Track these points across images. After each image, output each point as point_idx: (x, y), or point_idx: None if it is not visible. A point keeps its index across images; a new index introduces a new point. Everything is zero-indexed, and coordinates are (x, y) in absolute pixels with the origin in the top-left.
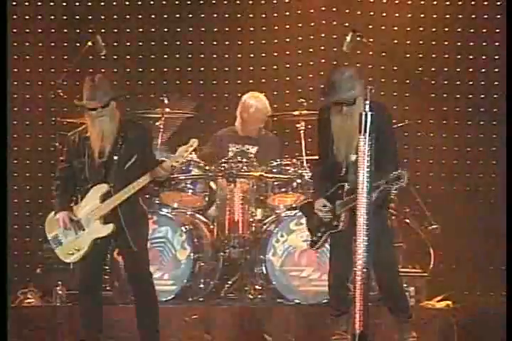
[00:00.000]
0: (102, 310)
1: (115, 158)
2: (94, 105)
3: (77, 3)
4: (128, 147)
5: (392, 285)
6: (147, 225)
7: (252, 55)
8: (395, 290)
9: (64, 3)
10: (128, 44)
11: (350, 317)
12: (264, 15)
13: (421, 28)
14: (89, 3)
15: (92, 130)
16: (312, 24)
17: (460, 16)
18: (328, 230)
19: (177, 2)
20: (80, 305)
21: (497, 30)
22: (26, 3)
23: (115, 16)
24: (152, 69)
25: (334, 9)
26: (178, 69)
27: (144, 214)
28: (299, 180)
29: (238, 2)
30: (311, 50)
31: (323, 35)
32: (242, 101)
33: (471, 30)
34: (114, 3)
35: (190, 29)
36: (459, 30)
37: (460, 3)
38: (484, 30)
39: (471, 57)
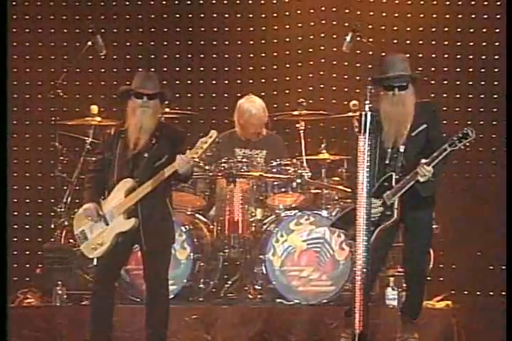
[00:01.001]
0: (113, 309)
1: (146, 155)
2: (145, 91)
3: (77, 3)
4: (161, 147)
5: (420, 282)
6: (169, 225)
7: (252, 55)
8: (419, 288)
9: (64, 3)
10: (128, 44)
11: None
12: (264, 15)
13: (421, 28)
14: (89, 3)
15: (131, 120)
16: (312, 24)
17: (460, 16)
18: (380, 225)
19: (177, 2)
20: (94, 302)
21: (497, 30)
22: (26, 3)
23: (115, 16)
24: (152, 69)
25: (334, 9)
26: (178, 69)
27: (168, 214)
28: (298, 180)
29: (238, 2)
30: (311, 50)
31: (323, 35)
32: (237, 107)
33: (471, 30)
34: (114, 3)
35: (190, 29)
36: (459, 30)
37: (460, 3)
38: (484, 30)
39: (471, 57)
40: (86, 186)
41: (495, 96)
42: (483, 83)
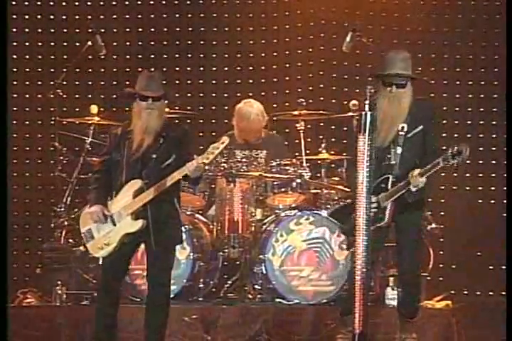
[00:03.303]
0: (118, 309)
1: (153, 156)
2: (150, 94)
3: (77, 3)
4: (168, 147)
5: (414, 283)
6: (177, 226)
7: (251, 55)
8: (415, 288)
9: (64, 3)
10: (128, 44)
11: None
12: (264, 15)
13: (420, 28)
14: (89, 3)
15: (136, 122)
16: (312, 24)
17: (460, 16)
18: (372, 225)
19: (176, 2)
20: (100, 302)
21: (497, 30)
22: (26, 3)
23: (115, 16)
24: (152, 69)
25: (334, 9)
26: (177, 69)
27: (176, 215)
28: (298, 180)
29: (238, 2)
30: (310, 50)
31: (323, 35)
32: (236, 112)
33: (471, 30)
34: (114, 3)
35: (190, 29)
36: (459, 30)
37: (460, 3)
38: (484, 30)
39: (471, 56)
40: (92, 187)
41: (495, 96)
42: (483, 83)
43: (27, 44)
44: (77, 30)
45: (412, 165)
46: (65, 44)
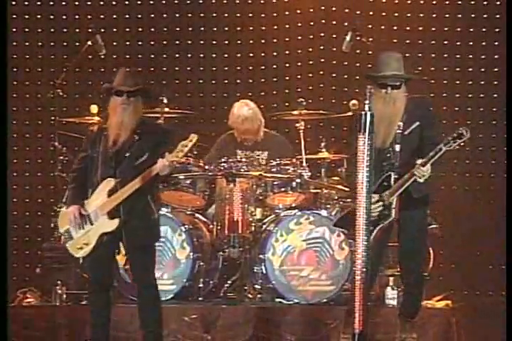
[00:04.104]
0: (110, 309)
1: (127, 154)
2: (125, 88)
3: (77, 3)
4: (142, 144)
5: (417, 283)
6: (151, 223)
7: (251, 55)
8: (418, 289)
9: (64, 3)
10: (128, 44)
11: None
12: (263, 15)
13: (420, 28)
14: (89, 3)
15: (112, 118)
16: (312, 24)
17: (459, 16)
18: (379, 224)
19: (176, 1)
20: (90, 303)
21: (497, 30)
22: (26, 3)
23: (115, 16)
24: (152, 69)
25: (334, 9)
26: (177, 68)
27: (151, 213)
28: (298, 180)
29: (238, 2)
30: (310, 49)
31: (323, 34)
32: (231, 113)
33: (471, 30)
34: (114, 3)
35: (190, 28)
36: (459, 29)
37: (460, 2)
38: (484, 30)
39: (470, 56)
40: (69, 186)
41: (494, 95)
42: (482, 83)
43: (27, 44)
44: (77, 30)
45: (412, 161)
46: (65, 44)
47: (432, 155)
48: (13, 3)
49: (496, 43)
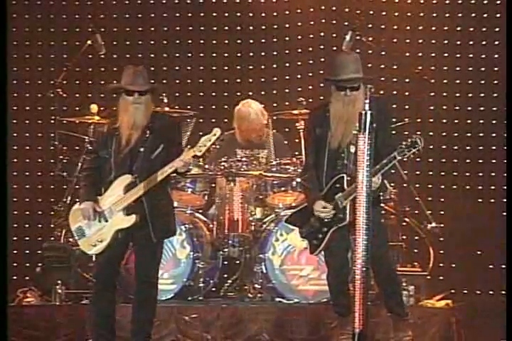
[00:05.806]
0: (115, 308)
1: (141, 149)
2: (137, 88)
3: (77, 3)
4: (155, 137)
5: (389, 282)
6: (172, 219)
7: (251, 54)
8: (392, 287)
9: (64, 3)
10: (128, 43)
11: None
12: (264, 15)
13: (420, 27)
14: (89, 3)
15: (123, 117)
16: (312, 23)
17: (460, 15)
18: (332, 227)
19: (176, 1)
20: (95, 302)
21: (497, 30)
22: (26, 2)
23: (115, 16)
24: (152, 69)
25: (334, 8)
26: (177, 68)
27: (170, 208)
28: (298, 179)
29: (238, 1)
30: (310, 49)
31: (323, 34)
32: (235, 114)
33: (471, 29)
34: (114, 3)
35: (190, 28)
36: (459, 29)
37: (460, 2)
38: (484, 29)
39: (470, 56)
40: (82, 184)
41: (495, 95)
42: (482, 82)
43: (27, 44)
44: (77, 30)
45: None
46: (65, 43)
47: (386, 163)
48: (13, 3)
49: (496, 43)
